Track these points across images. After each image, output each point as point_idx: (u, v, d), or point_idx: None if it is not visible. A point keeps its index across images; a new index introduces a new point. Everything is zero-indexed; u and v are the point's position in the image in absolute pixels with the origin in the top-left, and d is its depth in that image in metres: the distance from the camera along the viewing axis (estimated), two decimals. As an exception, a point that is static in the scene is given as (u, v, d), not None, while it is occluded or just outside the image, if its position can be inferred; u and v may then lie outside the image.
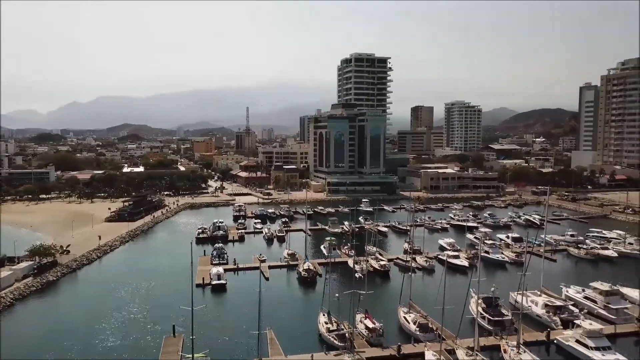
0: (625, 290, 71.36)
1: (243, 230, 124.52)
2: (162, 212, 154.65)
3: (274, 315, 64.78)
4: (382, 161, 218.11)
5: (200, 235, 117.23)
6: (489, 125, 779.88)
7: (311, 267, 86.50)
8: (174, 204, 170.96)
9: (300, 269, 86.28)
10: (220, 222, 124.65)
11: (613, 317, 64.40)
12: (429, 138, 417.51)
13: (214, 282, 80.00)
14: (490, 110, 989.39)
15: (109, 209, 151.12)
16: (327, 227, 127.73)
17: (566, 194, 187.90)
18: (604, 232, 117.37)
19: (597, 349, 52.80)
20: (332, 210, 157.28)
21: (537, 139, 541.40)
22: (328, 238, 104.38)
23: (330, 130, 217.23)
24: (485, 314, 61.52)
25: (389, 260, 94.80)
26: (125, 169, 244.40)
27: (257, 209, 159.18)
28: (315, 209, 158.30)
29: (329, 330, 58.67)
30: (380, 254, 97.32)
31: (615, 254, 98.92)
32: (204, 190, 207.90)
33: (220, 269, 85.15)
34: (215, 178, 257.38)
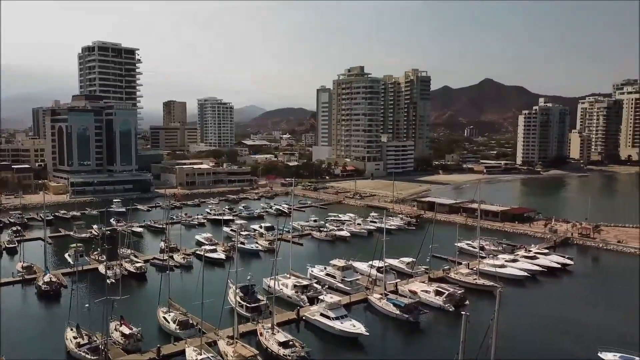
0: (356, 264, 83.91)
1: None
2: None
3: (7, 340, 55.64)
4: (134, 158, 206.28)
5: None
6: (240, 122, 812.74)
7: (53, 279, 76.84)
8: None
9: (40, 283, 75.82)
10: None
11: (348, 288, 75.00)
12: (183, 134, 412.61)
13: None
14: (241, 108, 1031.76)
15: None
16: (72, 233, 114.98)
17: (309, 184, 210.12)
18: (339, 215, 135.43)
19: (336, 318, 60.84)
20: (77, 213, 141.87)
21: (283, 136, 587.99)
22: (73, 245, 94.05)
23: (71, 125, 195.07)
24: (243, 302, 64.62)
25: (145, 261, 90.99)
26: None
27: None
28: (57, 214, 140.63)
29: (79, 345, 53.40)
30: (136, 256, 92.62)
31: (348, 234, 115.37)
32: None
33: None
34: None
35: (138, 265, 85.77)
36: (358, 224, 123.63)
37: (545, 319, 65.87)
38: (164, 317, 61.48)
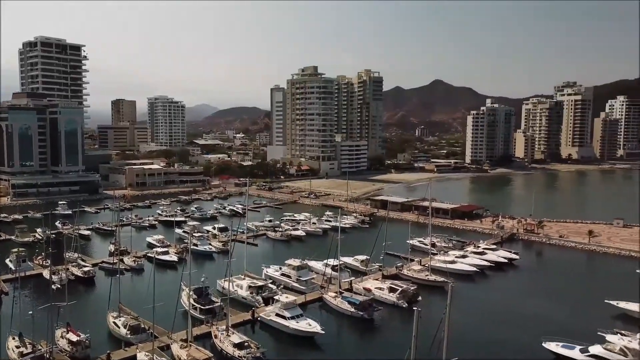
0: (312, 263, 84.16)
1: None
2: None
3: (-58, 352, 52.42)
4: (80, 158, 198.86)
5: None
6: (192, 121, 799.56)
7: (-6, 286, 73.13)
8: None
9: (-21, 290, 71.96)
10: None
11: (303, 288, 75.19)
12: (132, 133, 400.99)
13: None
14: (193, 107, 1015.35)
15: None
16: (13, 237, 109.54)
17: (264, 184, 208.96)
18: (294, 215, 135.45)
19: (292, 318, 60.87)
20: (19, 216, 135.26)
21: (237, 135, 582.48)
22: (15, 249, 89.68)
23: (12, 123, 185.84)
24: (196, 304, 63.59)
25: (94, 265, 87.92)
26: None
27: None
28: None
29: (22, 355, 51.02)
30: (83, 260, 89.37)
31: (304, 233, 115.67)
32: None
33: None
34: None
35: (86, 269, 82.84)
36: (313, 223, 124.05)
37: (493, 312, 68.47)
38: (114, 322, 59.69)
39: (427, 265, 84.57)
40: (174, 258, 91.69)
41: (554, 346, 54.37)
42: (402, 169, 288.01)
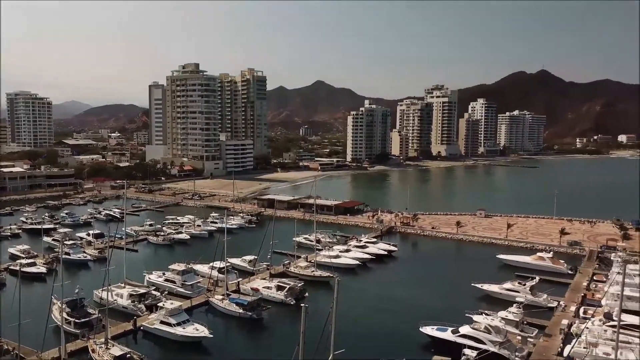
0: (197, 267, 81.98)
1: None
2: None
3: None
4: None
5: None
6: (61, 119, 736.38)
7: None
8: None
9: None
10: None
11: (189, 292, 72.95)
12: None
13: None
14: (61, 104, 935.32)
15: None
16: None
17: (143, 186, 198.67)
18: (178, 218, 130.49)
19: (178, 324, 58.87)
20: None
21: (112, 134, 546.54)
22: None
23: None
24: (70, 318, 58.75)
25: (-58, 283, 77.28)
26: None
27: None
28: None
29: None
30: None
31: (188, 237, 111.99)
32: None
33: None
34: None
35: None
36: (198, 225, 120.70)
37: (376, 302, 72.28)
38: (-30, 346, 53.00)
39: (313, 261, 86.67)
40: (42, 269, 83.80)
41: (429, 330, 58.92)
42: (288, 167, 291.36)
